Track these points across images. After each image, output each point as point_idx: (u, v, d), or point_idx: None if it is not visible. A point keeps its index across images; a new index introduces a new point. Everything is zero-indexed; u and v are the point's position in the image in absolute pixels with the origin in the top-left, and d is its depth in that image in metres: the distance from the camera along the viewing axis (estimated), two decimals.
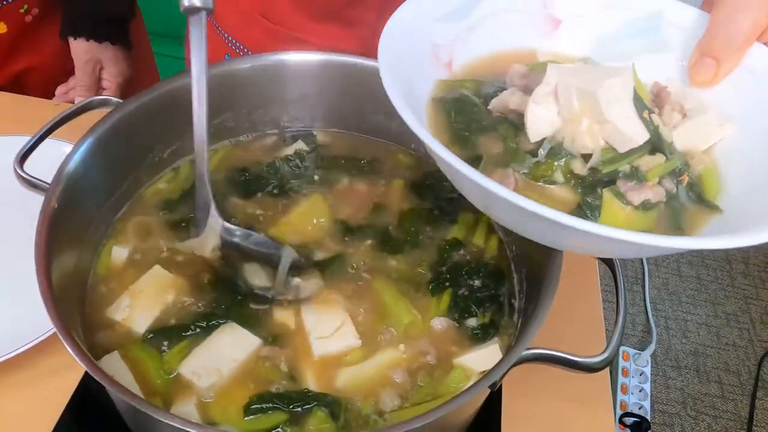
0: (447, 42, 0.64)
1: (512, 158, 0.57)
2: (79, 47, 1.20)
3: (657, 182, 0.54)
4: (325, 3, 0.99)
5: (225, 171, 0.83)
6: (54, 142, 0.83)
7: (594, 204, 0.54)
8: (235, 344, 0.66)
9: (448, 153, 0.47)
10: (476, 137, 0.59)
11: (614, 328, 0.59)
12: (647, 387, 2.10)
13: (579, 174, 0.55)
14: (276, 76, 0.82)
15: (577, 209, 0.54)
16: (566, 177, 0.55)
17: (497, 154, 0.58)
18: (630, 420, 2.00)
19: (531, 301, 0.65)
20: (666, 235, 0.43)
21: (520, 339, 0.57)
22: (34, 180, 0.65)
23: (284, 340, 0.67)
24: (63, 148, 0.88)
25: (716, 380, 2.17)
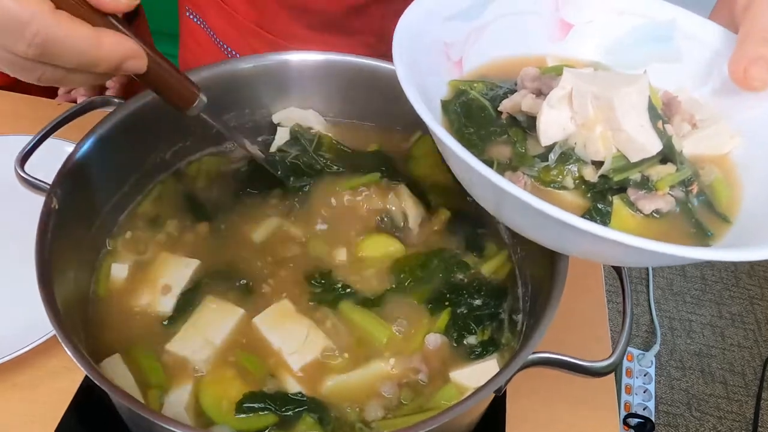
0: (457, 41, 0.63)
1: (521, 162, 0.56)
2: None
3: (667, 192, 0.53)
4: (324, 15, 0.97)
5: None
6: (56, 142, 0.83)
7: (604, 211, 0.53)
8: (220, 316, 0.68)
9: (464, 150, 0.47)
10: (485, 141, 0.59)
11: (621, 332, 0.58)
12: (651, 388, 2.10)
13: (589, 180, 0.54)
14: (279, 76, 0.81)
15: (587, 216, 0.53)
16: (576, 183, 0.54)
17: (506, 158, 0.57)
18: (634, 421, 2.00)
19: (536, 305, 0.64)
20: (675, 244, 0.42)
21: (526, 342, 0.56)
22: (35, 181, 0.65)
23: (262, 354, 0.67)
24: (65, 148, 0.88)
25: (721, 381, 2.16)
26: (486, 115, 0.60)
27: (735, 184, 0.57)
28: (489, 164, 0.57)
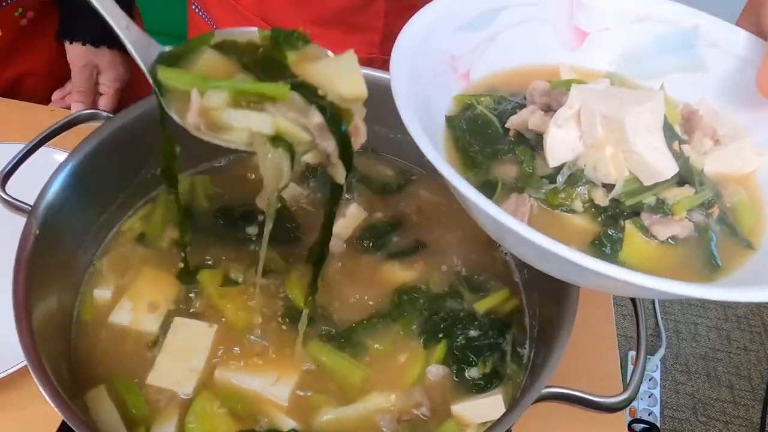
0: (465, 53, 0.60)
1: (528, 183, 0.54)
2: (75, 52, 1.17)
3: (684, 216, 0.50)
4: (328, 10, 0.95)
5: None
6: (47, 151, 0.78)
7: (615, 237, 0.50)
8: (192, 337, 0.66)
9: (463, 183, 0.44)
10: (491, 159, 0.56)
11: (636, 364, 0.55)
12: (657, 392, 2.08)
13: (600, 204, 0.51)
14: None
15: (597, 242, 0.50)
16: (586, 206, 0.52)
17: (512, 178, 0.55)
18: (639, 426, 1.98)
19: (545, 336, 0.61)
20: (688, 283, 0.39)
21: (537, 376, 0.54)
22: (17, 202, 0.62)
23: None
24: (54, 157, 0.85)
25: (727, 385, 2.14)
26: (492, 132, 0.57)
27: (760, 207, 0.54)
28: (494, 185, 0.54)
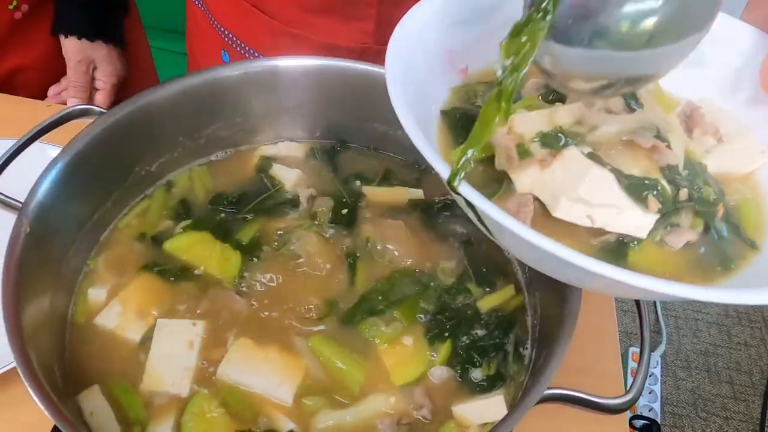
0: (463, 47, 0.58)
1: None
2: (71, 46, 1.16)
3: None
4: None
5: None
6: (41, 147, 0.78)
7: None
8: (176, 337, 0.64)
9: (465, 186, 0.43)
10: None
11: (639, 365, 0.54)
12: (657, 388, 2.08)
13: None
14: (268, 83, 0.77)
15: (605, 243, 0.48)
16: None
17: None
18: (640, 422, 1.98)
19: (546, 336, 0.60)
20: (697, 286, 0.38)
21: (540, 377, 0.53)
22: (7, 199, 0.61)
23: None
24: (48, 152, 0.84)
25: (727, 380, 2.14)
26: None
27: (763, 206, 0.52)
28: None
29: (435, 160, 0.43)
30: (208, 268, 0.70)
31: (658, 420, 2.00)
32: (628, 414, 2.00)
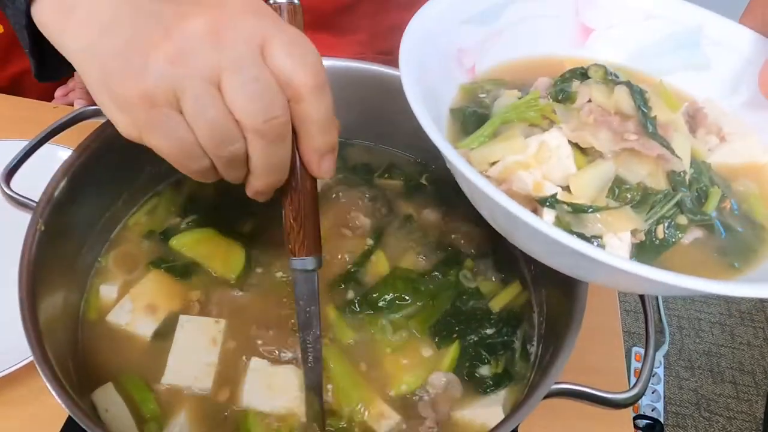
0: (472, 46, 0.60)
1: None
2: None
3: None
4: (313, 13, 0.92)
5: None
6: (51, 148, 0.79)
7: None
8: (200, 333, 0.65)
9: (475, 174, 0.43)
10: None
11: (644, 360, 0.55)
12: (660, 388, 2.08)
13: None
14: None
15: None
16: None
17: None
18: (643, 422, 1.98)
19: (553, 333, 0.61)
20: (706, 279, 0.39)
21: (547, 373, 0.53)
22: (22, 198, 0.62)
23: None
24: (58, 153, 0.85)
25: (730, 380, 2.14)
26: None
27: None
28: None
29: (462, 165, 0.44)
30: (213, 265, 0.70)
31: (661, 420, 2.00)
32: (632, 413, 2.00)
